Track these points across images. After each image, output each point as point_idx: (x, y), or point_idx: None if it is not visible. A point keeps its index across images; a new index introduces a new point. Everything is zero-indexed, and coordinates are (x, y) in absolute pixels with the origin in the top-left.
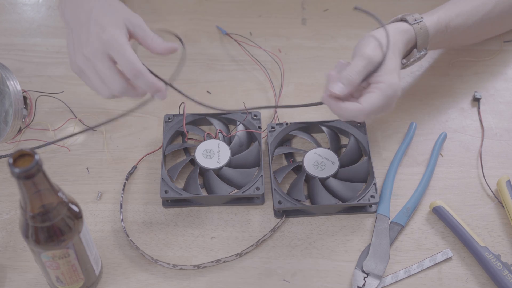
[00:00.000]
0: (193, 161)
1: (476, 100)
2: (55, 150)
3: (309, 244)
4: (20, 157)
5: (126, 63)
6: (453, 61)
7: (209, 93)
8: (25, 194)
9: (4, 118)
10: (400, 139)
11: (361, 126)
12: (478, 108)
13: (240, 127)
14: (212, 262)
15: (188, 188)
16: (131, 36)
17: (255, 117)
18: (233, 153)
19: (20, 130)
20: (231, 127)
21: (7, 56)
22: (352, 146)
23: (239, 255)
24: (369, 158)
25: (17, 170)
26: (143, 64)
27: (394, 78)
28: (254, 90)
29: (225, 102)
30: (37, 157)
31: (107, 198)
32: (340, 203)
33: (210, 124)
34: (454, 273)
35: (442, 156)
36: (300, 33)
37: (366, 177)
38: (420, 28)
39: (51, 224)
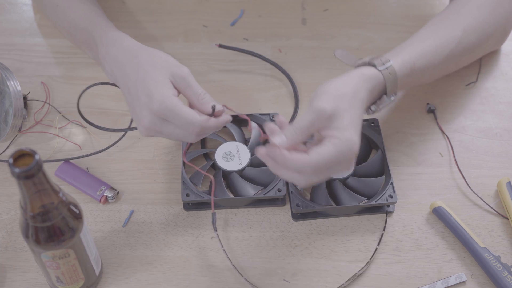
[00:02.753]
0: (213, 165)
1: (431, 112)
2: (56, 150)
3: (309, 244)
4: (20, 157)
5: (185, 126)
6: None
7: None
8: (25, 194)
9: (4, 118)
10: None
11: (374, 126)
12: (435, 118)
13: (255, 129)
14: None
15: (215, 193)
16: (178, 91)
17: (273, 119)
18: (252, 153)
19: (20, 130)
20: (244, 129)
21: (7, 56)
22: (363, 142)
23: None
24: (384, 155)
25: (17, 170)
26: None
27: (351, 133)
28: (254, 90)
29: (225, 102)
30: (37, 157)
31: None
32: (361, 203)
33: (223, 126)
34: None
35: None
36: (300, 33)
37: (382, 171)
38: (389, 73)
39: (51, 224)
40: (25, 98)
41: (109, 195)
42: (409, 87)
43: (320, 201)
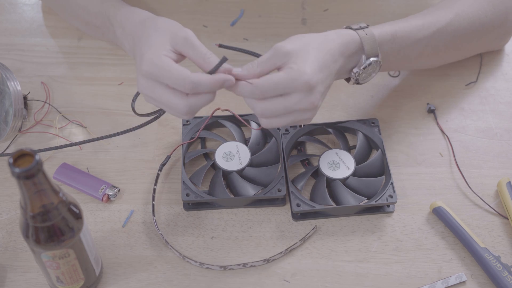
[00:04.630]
0: (213, 165)
1: (431, 112)
2: (56, 150)
3: (309, 244)
4: (20, 157)
5: (176, 83)
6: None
7: None
8: (25, 194)
9: (4, 118)
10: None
11: (374, 126)
12: (435, 118)
13: (255, 129)
14: (239, 265)
15: (214, 192)
16: (181, 55)
17: None
18: (252, 152)
19: (20, 130)
20: (244, 129)
21: (7, 56)
22: (363, 142)
23: (267, 261)
24: (384, 154)
25: (17, 170)
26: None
27: (304, 66)
28: None
29: (225, 103)
30: (37, 157)
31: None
32: (361, 203)
33: (223, 126)
34: None
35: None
36: (300, 33)
37: (382, 171)
38: (366, 34)
39: (51, 224)
40: (25, 98)
41: (111, 193)
42: (400, 64)
43: (320, 201)
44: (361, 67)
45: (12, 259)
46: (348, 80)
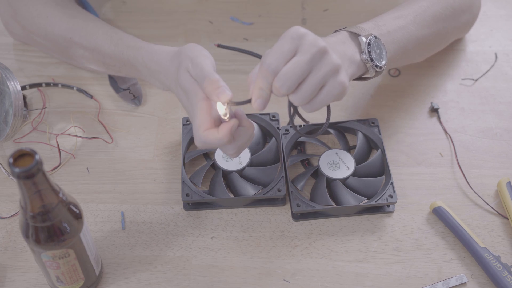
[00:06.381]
0: (213, 165)
1: (435, 111)
2: (55, 151)
3: (309, 244)
4: (20, 156)
5: (217, 142)
6: (453, 61)
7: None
8: (25, 194)
9: (4, 118)
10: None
11: (374, 126)
12: (439, 118)
13: (256, 128)
14: None
15: (214, 192)
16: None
17: (273, 118)
18: (252, 152)
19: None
20: None
21: (7, 56)
22: (362, 142)
23: None
24: (384, 154)
25: (17, 170)
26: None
27: (308, 34)
28: None
29: None
30: (37, 157)
31: (107, 198)
32: (361, 203)
33: None
34: None
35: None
36: None
37: (382, 171)
38: (352, 28)
39: (51, 224)
40: (25, 98)
41: None
42: (389, 42)
43: (320, 201)
44: (366, 43)
45: (12, 259)
46: (366, 77)
